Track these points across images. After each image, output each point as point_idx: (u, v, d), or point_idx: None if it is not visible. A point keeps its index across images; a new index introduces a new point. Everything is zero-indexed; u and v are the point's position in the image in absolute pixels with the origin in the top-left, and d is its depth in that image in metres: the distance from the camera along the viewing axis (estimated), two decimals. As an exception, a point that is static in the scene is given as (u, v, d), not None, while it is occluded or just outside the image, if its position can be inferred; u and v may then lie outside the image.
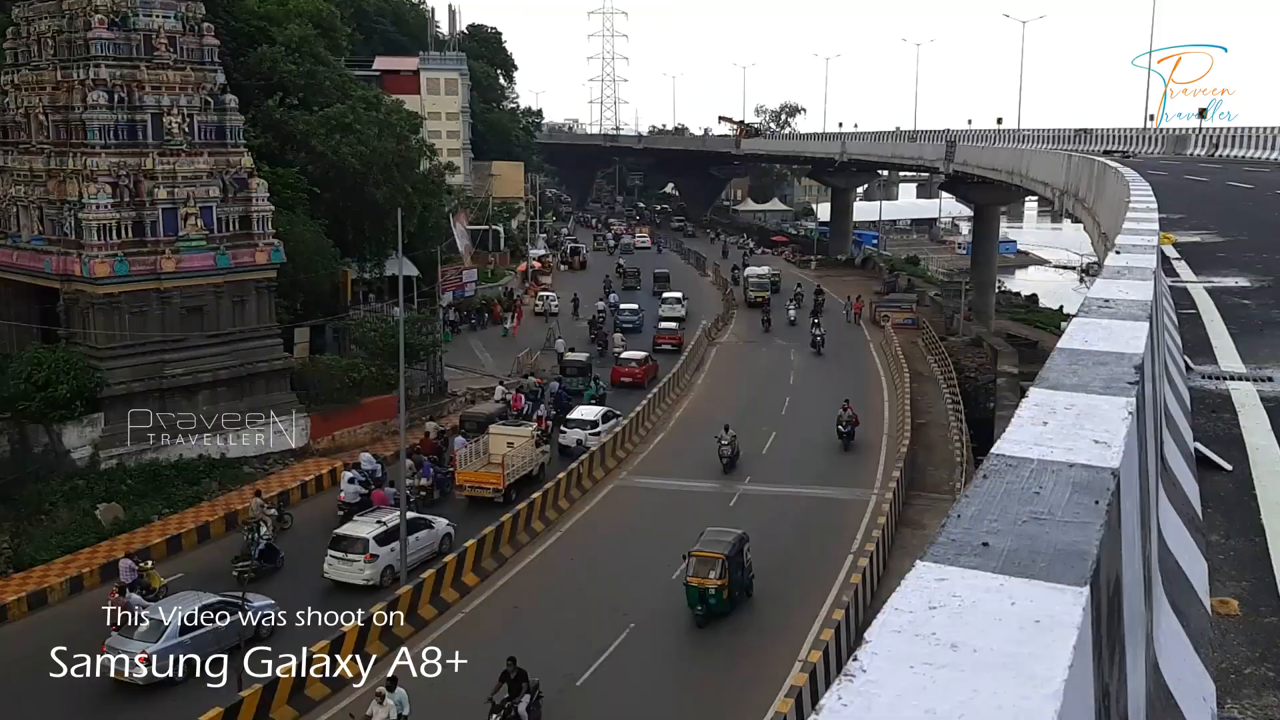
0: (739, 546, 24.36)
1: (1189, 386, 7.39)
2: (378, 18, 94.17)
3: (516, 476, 32.23)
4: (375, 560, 25.71)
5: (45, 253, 34.71)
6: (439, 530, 28.13)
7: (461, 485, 32.32)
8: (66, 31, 34.61)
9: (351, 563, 25.70)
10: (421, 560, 26.36)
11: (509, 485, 31.69)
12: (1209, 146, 46.49)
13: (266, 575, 26.49)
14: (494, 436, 33.85)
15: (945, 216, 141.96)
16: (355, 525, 26.71)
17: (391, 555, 25.87)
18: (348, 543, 25.97)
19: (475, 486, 32.05)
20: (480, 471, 32.35)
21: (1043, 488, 2.19)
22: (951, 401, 43.19)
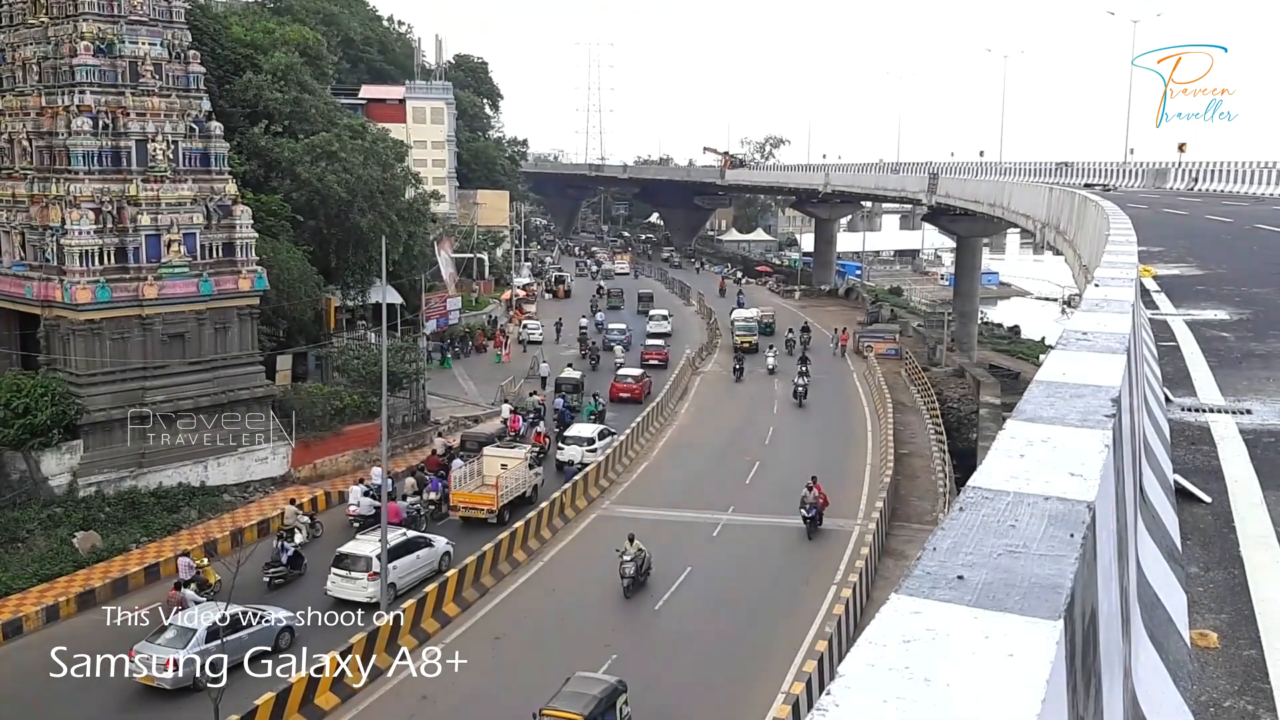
0: (609, 702, 18.67)
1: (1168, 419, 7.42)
2: (364, 46, 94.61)
3: (510, 498, 32.84)
4: (378, 578, 25.93)
5: (27, 278, 34.54)
6: (439, 548, 28.64)
7: (456, 506, 32.77)
8: (52, 58, 34.60)
9: (355, 580, 26.13)
10: (422, 578, 26.96)
11: (503, 506, 32.31)
12: (1189, 180, 46.97)
13: (293, 581, 27.74)
14: (488, 459, 34.33)
15: (928, 248, 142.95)
16: (358, 544, 27.21)
17: (394, 572, 26.27)
18: (351, 560, 26.41)
19: (469, 507, 32.58)
20: (474, 493, 32.87)
21: (1018, 520, 2.19)
22: (934, 432, 43.28)
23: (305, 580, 27.96)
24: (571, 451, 38.15)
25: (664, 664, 23.18)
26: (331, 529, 31.77)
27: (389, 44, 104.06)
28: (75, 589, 26.71)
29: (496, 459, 34.16)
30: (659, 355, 57.22)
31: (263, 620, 23.44)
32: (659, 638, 24.01)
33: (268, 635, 23.19)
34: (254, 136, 47.57)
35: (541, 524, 30.65)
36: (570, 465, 37.32)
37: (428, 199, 62.34)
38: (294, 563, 28.25)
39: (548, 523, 31.05)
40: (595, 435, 39.12)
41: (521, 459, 34.76)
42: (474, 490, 33.03)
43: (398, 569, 26.49)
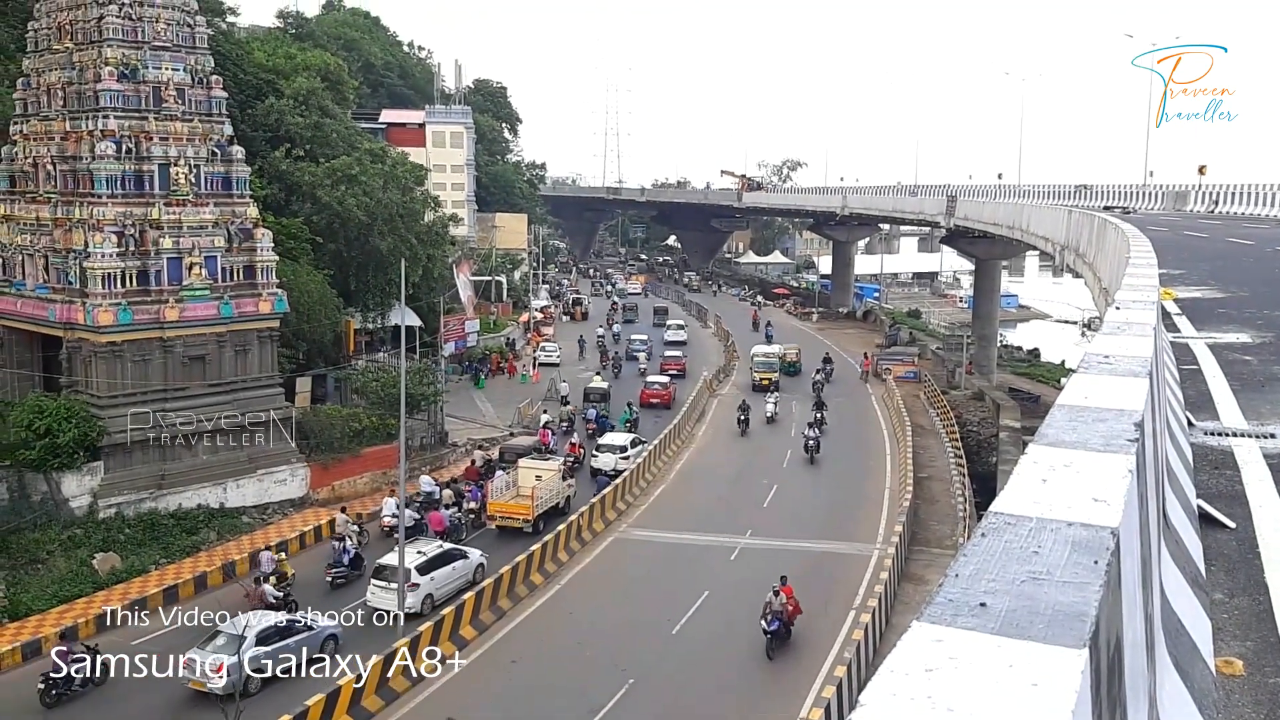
0: None
1: (1191, 443, 7.36)
2: (385, 72, 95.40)
3: (545, 508, 34.13)
4: (416, 588, 26.89)
5: (50, 301, 34.82)
6: (473, 560, 29.45)
7: (493, 515, 34.07)
8: (76, 83, 35.00)
9: (394, 590, 26.39)
10: (458, 589, 27.72)
11: (538, 516, 33.52)
12: (1209, 203, 46.72)
13: (353, 581, 28.82)
14: (523, 470, 35.58)
15: (946, 270, 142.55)
16: (396, 555, 27.44)
17: (431, 584, 27.42)
18: (390, 572, 26.82)
19: (505, 517, 33.87)
20: (510, 503, 34.10)
21: (1041, 546, 2.16)
22: (954, 455, 43.04)
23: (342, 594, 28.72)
24: (605, 459, 39.89)
25: (681, 688, 23.05)
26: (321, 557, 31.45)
27: (409, 69, 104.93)
28: (94, 610, 26.79)
29: (531, 470, 35.38)
30: (677, 365, 61.55)
31: (310, 628, 24.31)
32: (676, 662, 23.88)
33: (314, 643, 24.12)
34: (275, 160, 47.96)
35: (559, 547, 30.59)
36: (604, 473, 38.52)
37: (447, 222, 62.66)
38: (355, 564, 29.58)
39: (565, 545, 31.00)
40: (628, 443, 41.12)
41: (556, 470, 36.11)
42: (510, 500, 34.21)
43: (435, 580, 27.57)
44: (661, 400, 52.16)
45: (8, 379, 36.68)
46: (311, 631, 24.31)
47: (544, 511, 34.05)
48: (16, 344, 36.98)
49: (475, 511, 34.47)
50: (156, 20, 34.88)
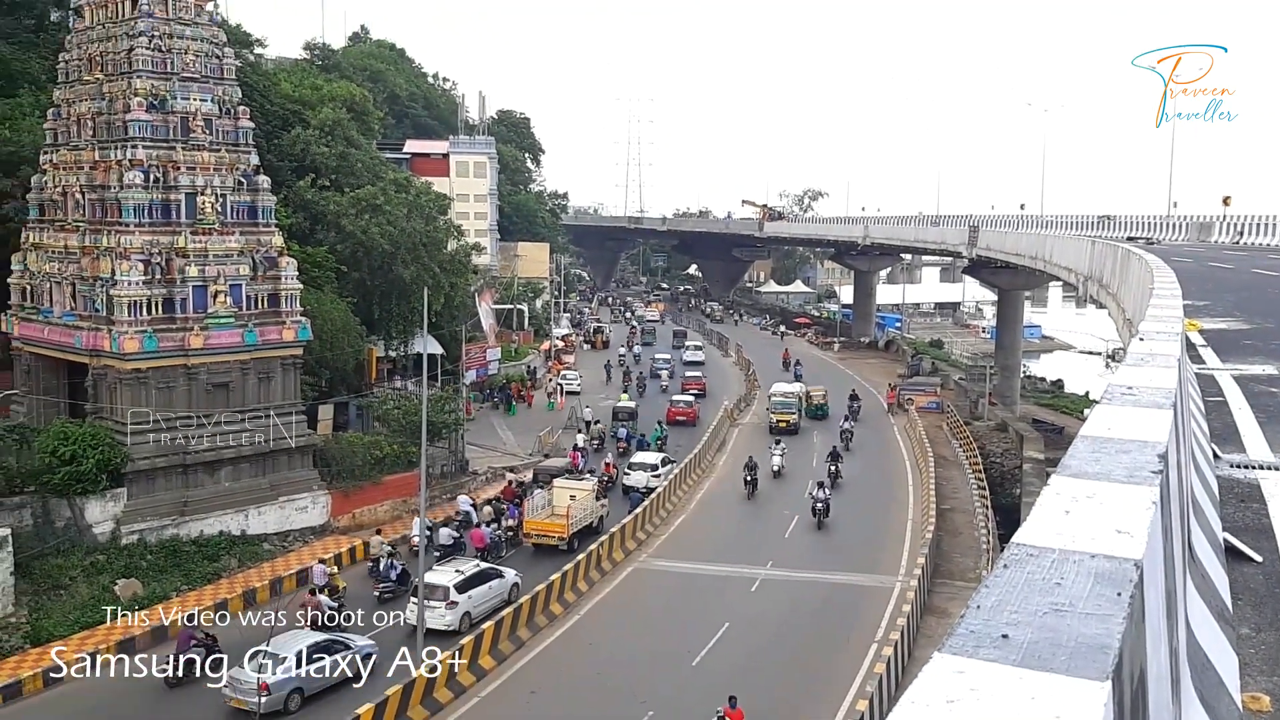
0: None
1: (1217, 475, 7.29)
2: (410, 103, 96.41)
3: (579, 527, 35.22)
4: (455, 606, 27.77)
5: (76, 328, 35.13)
6: (508, 580, 30.15)
7: (529, 533, 35.23)
8: (106, 113, 35.48)
9: (432, 609, 26.99)
10: (494, 608, 28.30)
11: (572, 535, 34.60)
12: (1234, 234, 46.46)
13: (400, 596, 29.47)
14: (558, 490, 36.81)
15: (969, 301, 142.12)
16: (436, 574, 28.59)
17: (469, 602, 28.21)
18: (429, 589, 27.37)
19: (541, 535, 34.97)
20: (546, 521, 35.21)
21: (1064, 578, 2.15)
22: (977, 487, 42.73)
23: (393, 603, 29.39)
24: (637, 477, 41.46)
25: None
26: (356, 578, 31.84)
27: (434, 100, 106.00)
28: (115, 636, 26.83)
29: (566, 490, 36.60)
30: (698, 385, 63.90)
31: (348, 646, 24.84)
32: (696, 694, 23.69)
33: (352, 662, 24.59)
34: (301, 190, 48.42)
35: (579, 576, 30.52)
36: (636, 490, 39.87)
37: (469, 251, 63.03)
38: (402, 579, 30.42)
39: (585, 575, 30.91)
40: (659, 462, 42.99)
41: (589, 490, 37.27)
42: (546, 519, 35.32)
43: (472, 598, 28.38)
44: (687, 418, 54.90)
45: (34, 405, 36.98)
46: (350, 650, 24.82)
47: (578, 530, 35.10)
48: (43, 370, 37.31)
49: (513, 529, 35.67)
50: (186, 52, 35.36)
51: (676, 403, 57.06)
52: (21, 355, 37.55)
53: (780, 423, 53.27)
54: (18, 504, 31.03)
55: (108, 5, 35.95)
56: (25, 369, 37.48)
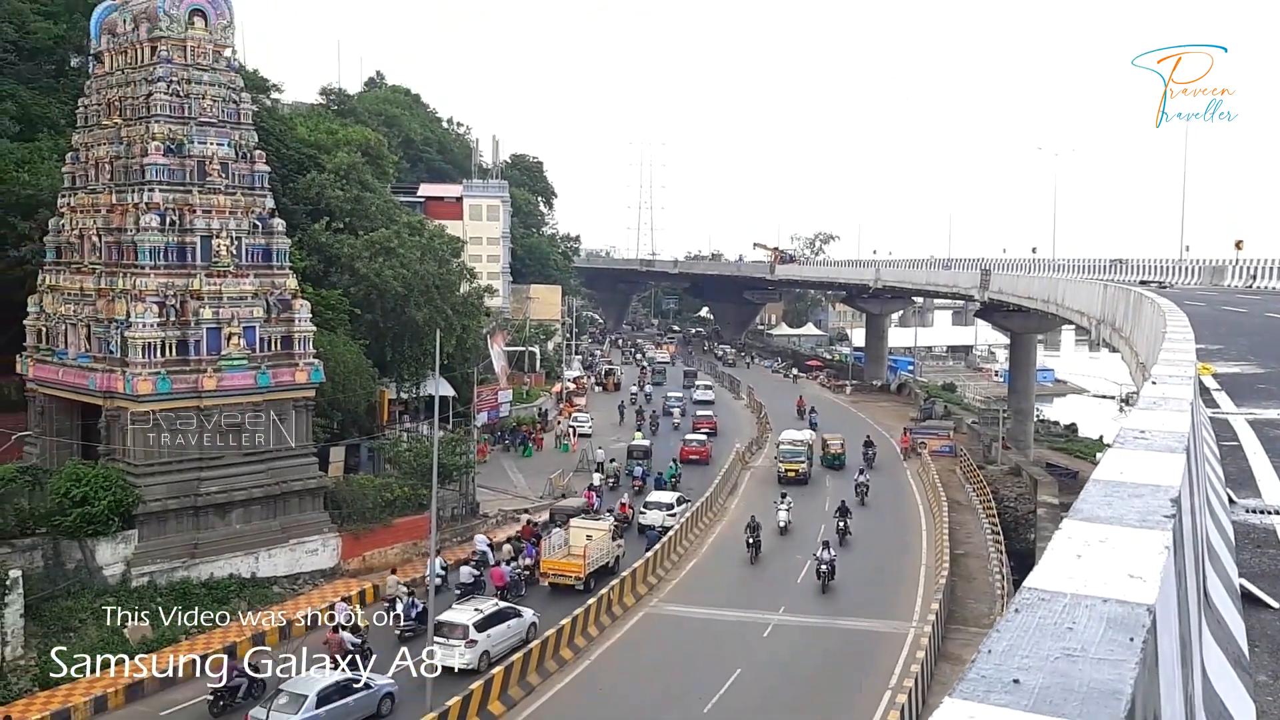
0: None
1: (1232, 520, 7.23)
2: (424, 146, 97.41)
3: (595, 567, 35.42)
4: (475, 645, 27.94)
5: (90, 370, 35.33)
6: (526, 619, 30.32)
7: (546, 573, 35.39)
8: (124, 157, 35.90)
9: (452, 647, 27.37)
10: (511, 647, 28.45)
11: (589, 574, 34.80)
12: (1247, 277, 46.37)
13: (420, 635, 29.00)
14: (574, 530, 36.98)
15: (981, 344, 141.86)
16: (455, 612, 29.10)
17: (488, 641, 28.36)
18: (448, 628, 28.02)
19: (559, 575, 35.15)
20: (563, 561, 35.41)
21: (1076, 623, 2.13)
22: (991, 532, 42.41)
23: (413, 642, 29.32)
24: (653, 516, 41.94)
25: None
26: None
27: (448, 144, 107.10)
28: (124, 680, 26.71)
29: (583, 530, 36.73)
30: (708, 423, 65.07)
31: (368, 687, 24.94)
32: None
33: (371, 701, 24.94)
34: (315, 233, 48.80)
35: (589, 622, 30.30)
36: (652, 529, 40.32)
37: (482, 293, 63.32)
38: (421, 618, 30.18)
39: (595, 620, 30.69)
40: (674, 501, 43.52)
41: (606, 530, 37.36)
42: (562, 559, 35.55)
43: (491, 637, 28.55)
44: (700, 456, 55.95)
45: (47, 446, 37.12)
46: (369, 690, 24.92)
47: (595, 570, 35.29)
48: (57, 412, 37.47)
49: (529, 568, 35.82)
50: (203, 97, 35.84)
51: (689, 441, 58.23)
52: (36, 397, 37.75)
53: (789, 472, 51.06)
54: (29, 545, 31.06)
55: (127, 51, 36.53)
56: (39, 410, 37.65)
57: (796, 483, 50.04)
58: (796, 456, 51.76)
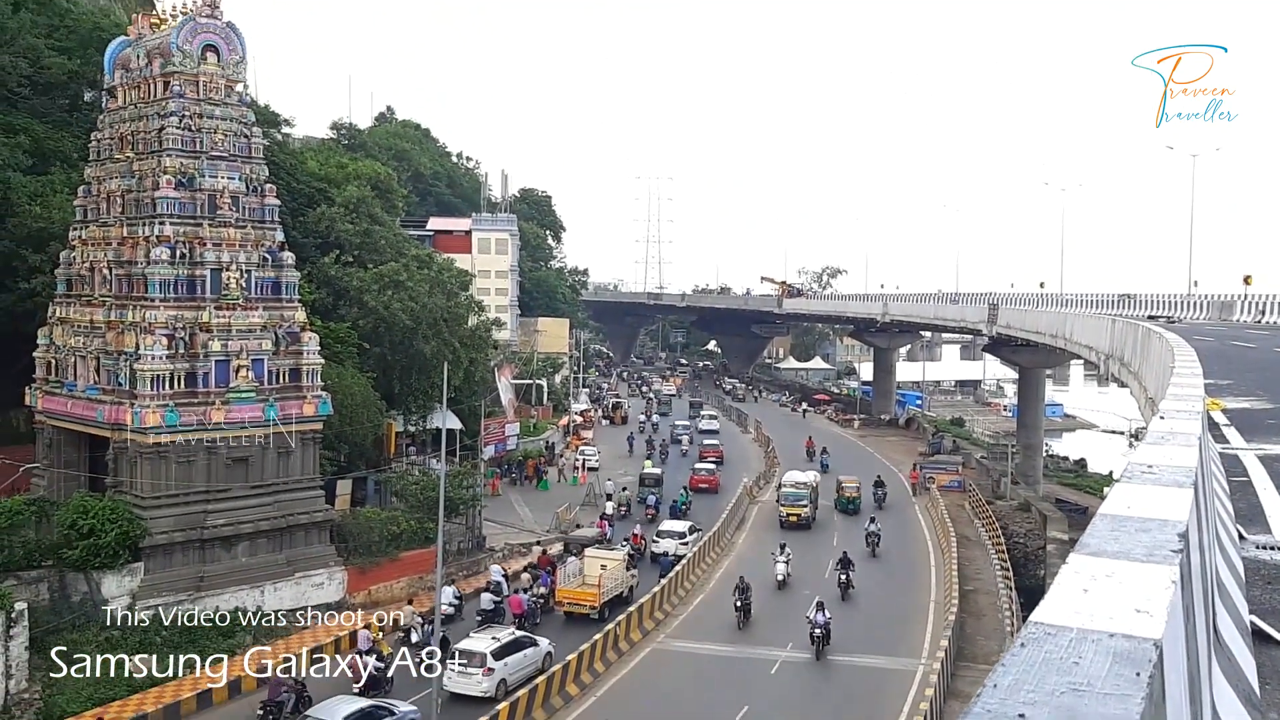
0: None
1: (1243, 557, 7.17)
2: (434, 181, 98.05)
3: (610, 596, 35.86)
4: (492, 673, 28.16)
5: (99, 402, 35.40)
6: (542, 648, 30.57)
7: (561, 601, 35.95)
8: (135, 190, 36.17)
9: (470, 675, 27.93)
10: (528, 676, 28.69)
11: (604, 603, 35.21)
12: (1255, 312, 46.29)
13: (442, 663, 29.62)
14: (589, 559, 37.54)
15: (990, 379, 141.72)
16: (473, 640, 29.43)
17: (505, 669, 28.59)
18: (467, 656, 28.36)
19: (573, 603, 35.66)
20: (578, 590, 35.96)
21: (1082, 657, 2.11)
22: (1000, 568, 42.14)
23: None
24: (666, 544, 42.53)
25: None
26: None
27: (458, 178, 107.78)
28: (128, 713, 26.58)
29: (597, 560, 37.29)
30: (715, 452, 66.41)
31: (391, 713, 25.43)
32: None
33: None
34: (325, 266, 49.02)
35: (595, 657, 30.10)
36: (665, 556, 41.23)
37: (490, 326, 63.48)
38: (444, 646, 30.10)
39: (601, 656, 30.49)
40: (686, 530, 44.04)
41: (620, 560, 37.91)
42: (577, 588, 36.11)
43: (508, 665, 28.80)
44: (709, 485, 57.26)
45: (55, 479, 37.14)
46: (395, 717, 25.33)
47: (609, 599, 35.67)
48: (65, 444, 37.53)
49: (544, 597, 36.24)
50: (215, 131, 36.14)
51: (699, 471, 59.71)
52: (44, 429, 37.83)
53: (790, 517, 48.46)
54: (35, 578, 31.02)
55: (140, 86, 36.91)
56: (48, 442, 37.72)
57: (799, 527, 47.94)
58: (799, 500, 49.24)
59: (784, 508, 49.14)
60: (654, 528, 46.13)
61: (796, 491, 49.63)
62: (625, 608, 34.24)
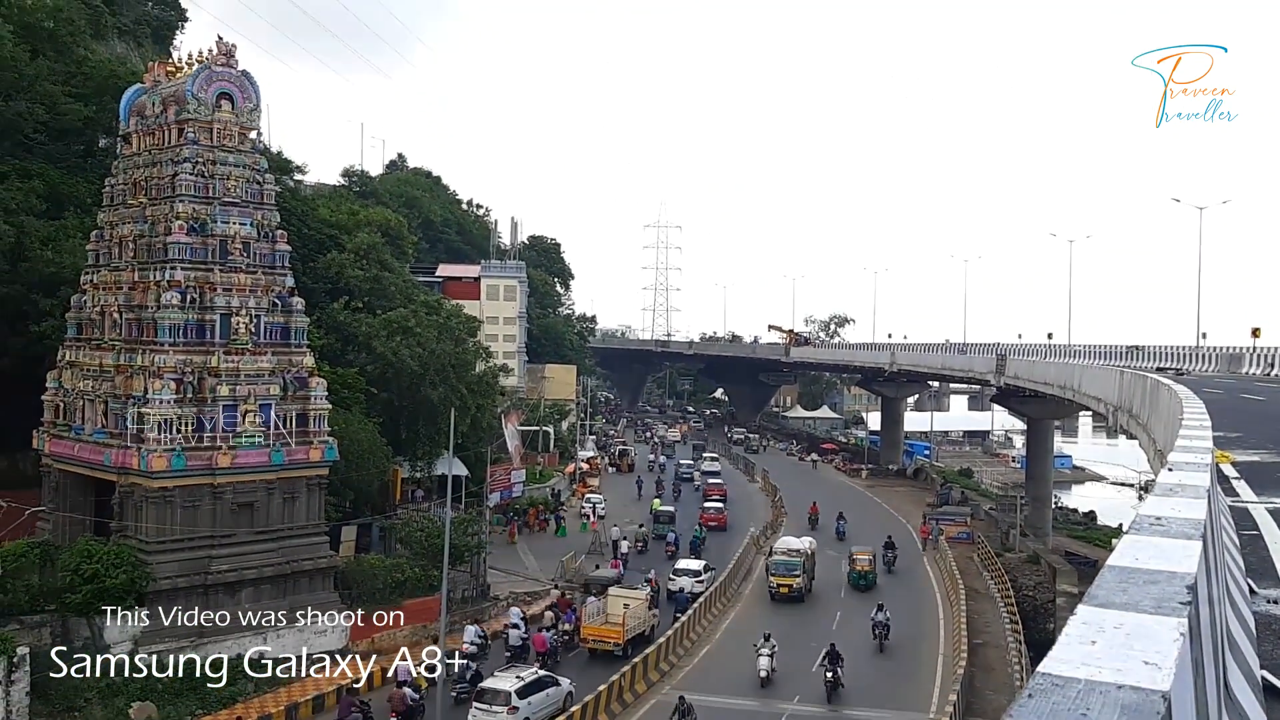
0: None
1: (1254, 611, 7.10)
2: (443, 227, 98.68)
3: (633, 634, 36.92)
4: (516, 712, 28.75)
5: (106, 446, 35.41)
6: (563, 689, 31.18)
7: (586, 639, 37.01)
8: (147, 235, 36.44)
9: (494, 714, 28.60)
10: (549, 716, 29.43)
11: (627, 641, 36.26)
12: (1265, 365, 46.17)
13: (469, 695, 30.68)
14: (612, 598, 38.61)
15: (998, 429, 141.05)
16: (498, 679, 30.24)
17: (529, 708, 29.20)
18: (491, 695, 29.19)
19: (598, 640, 36.72)
20: (602, 627, 37.05)
21: (1090, 709, 2.09)
22: (1009, 621, 41.69)
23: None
24: (682, 582, 43.30)
25: None
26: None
27: (467, 226, 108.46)
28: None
29: (620, 599, 38.32)
30: (719, 491, 69.31)
31: None
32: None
33: None
34: (334, 311, 49.22)
35: (599, 709, 29.78)
36: (681, 593, 42.06)
37: (497, 372, 63.56)
38: (474, 681, 31.63)
39: (605, 708, 30.16)
40: (701, 568, 45.08)
41: (643, 599, 39.01)
42: (601, 625, 37.17)
43: (531, 704, 29.36)
44: (718, 523, 59.66)
45: (60, 522, 37.05)
46: None
47: (632, 637, 36.67)
48: (71, 488, 37.49)
49: (569, 634, 37.32)
50: (228, 178, 36.48)
51: (708, 509, 62.30)
52: (51, 472, 37.82)
53: (782, 588, 43.31)
54: (38, 622, 30.85)
55: (155, 133, 37.34)
56: (54, 486, 37.69)
57: (790, 600, 43.21)
58: (791, 569, 43.78)
59: (774, 578, 43.87)
60: (673, 564, 47.63)
61: (788, 560, 44.33)
62: (647, 645, 35.36)
